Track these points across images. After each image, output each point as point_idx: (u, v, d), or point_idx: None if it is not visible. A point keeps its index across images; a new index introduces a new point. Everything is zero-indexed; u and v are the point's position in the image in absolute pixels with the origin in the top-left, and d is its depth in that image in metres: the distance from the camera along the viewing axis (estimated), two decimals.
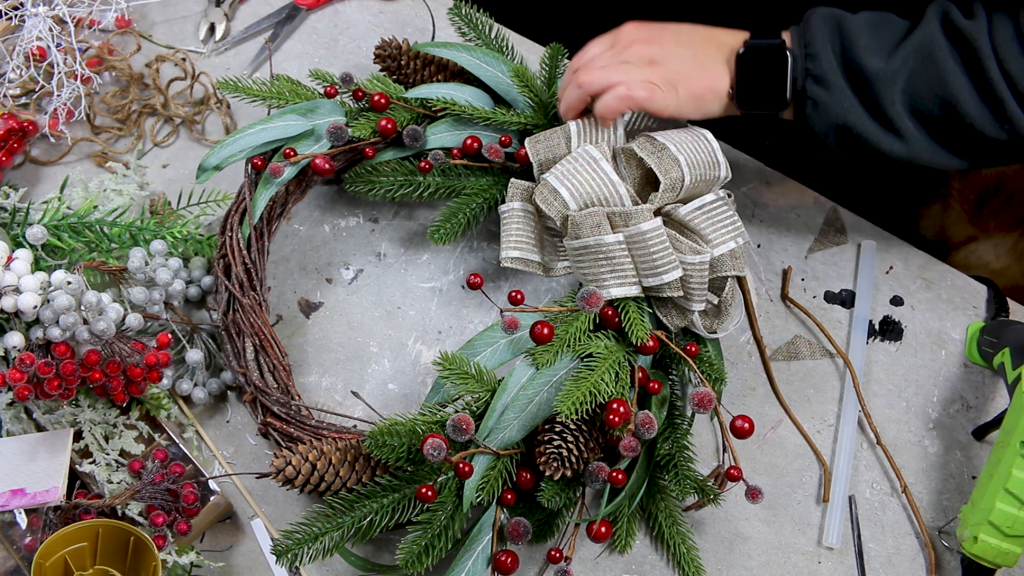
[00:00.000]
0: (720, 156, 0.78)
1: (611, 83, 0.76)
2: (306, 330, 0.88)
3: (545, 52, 0.88)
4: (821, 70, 0.74)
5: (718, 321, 0.78)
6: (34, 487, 0.74)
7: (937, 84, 0.72)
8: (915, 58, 0.73)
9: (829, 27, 0.75)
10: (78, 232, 0.84)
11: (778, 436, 0.82)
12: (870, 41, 0.74)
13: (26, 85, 1.00)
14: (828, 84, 0.74)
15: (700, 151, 0.77)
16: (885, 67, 0.73)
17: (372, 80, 0.88)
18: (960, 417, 0.83)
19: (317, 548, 0.70)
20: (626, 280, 0.76)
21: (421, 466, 0.72)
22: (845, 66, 0.74)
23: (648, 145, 0.77)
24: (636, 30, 0.80)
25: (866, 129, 0.75)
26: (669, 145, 0.76)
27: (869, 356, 0.85)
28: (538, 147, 0.83)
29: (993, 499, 0.70)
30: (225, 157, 0.84)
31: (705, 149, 0.78)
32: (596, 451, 0.73)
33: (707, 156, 0.78)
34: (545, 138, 0.83)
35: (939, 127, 0.74)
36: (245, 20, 1.08)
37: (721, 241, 0.75)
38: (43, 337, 0.75)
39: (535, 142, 0.83)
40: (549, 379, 0.73)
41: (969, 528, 0.72)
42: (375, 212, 0.94)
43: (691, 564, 0.75)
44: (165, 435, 0.81)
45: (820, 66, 0.74)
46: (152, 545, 0.70)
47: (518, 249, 0.81)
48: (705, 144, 0.78)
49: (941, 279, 0.89)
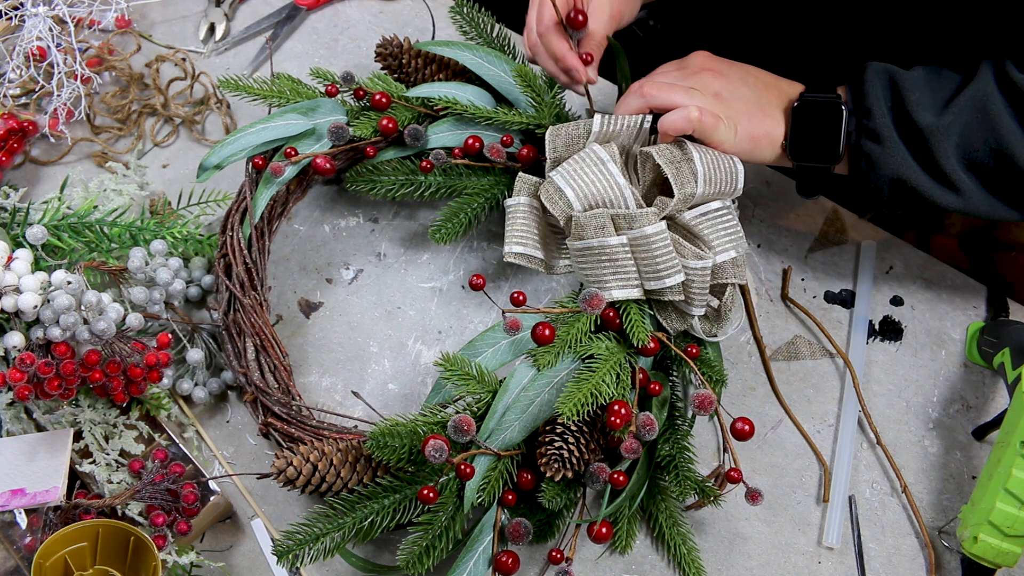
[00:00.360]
0: (740, 180, 0.78)
1: (675, 103, 0.76)
2: (306, 330, 0.88)
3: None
4: (875, 125, 0.75)
5: (718, 325, 0.78)
6: (34, 487, 0.74)
7: (992, 137, 0.73)
8: (969, 112, 0.73)
9: (882, 82, 0.75)
10: (78, 232, 0.83)
11: (778, 436, 0.82)
12: (923, 96, 0.74)
13: (26, 85, 1.00)
14: (882, 139, 0.75)
15: (722, 169, 0.76)
16: (938, 122, 0.73)
17: (373, 79, 0.88)
18: (960, 417, 0.83)
19: (318, 549, 0.70)
20: (628, 282, 0.76)
21: (422, 467, 0.72)
22: (898, 121, 0.75)
23: (670, 153, 0.76)
24: (706, 60, 0.81)
25: (921, 183, 0.75)
26: (695, 156, 0.75)
27: (869, 356, 0.86)
28: (557, 141, 0.82)
29: (993, 499, 0.70)
30: (225, 156, 0.84)
31: (727, 168, 0.77)
32: (597, 452, 0.73)
33: (727, 175, 0.77)
34: (567, 131, 0.82)
35: (994, 179, 0.75)
36: (245, 20, 1.08)
37: (723, 248, 0.75)
38: (43, 337, 0.75)
39: (555, 134, 0.82)
40: (550, 380, 0.73)
41: (969, 528, 0.72)
42: (375, 212, 0.94)
43: (691, 564, 0.75)
44: (165, 435, 0.81)
45: (873, 121, 0.75)
46: (152, 545, 0.70)
47: (521, 244, 0.81)
48: (729, 164, 0.77)
49: (941, 279, 0.89)
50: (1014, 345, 0.77)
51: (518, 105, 0.88)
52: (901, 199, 0.77)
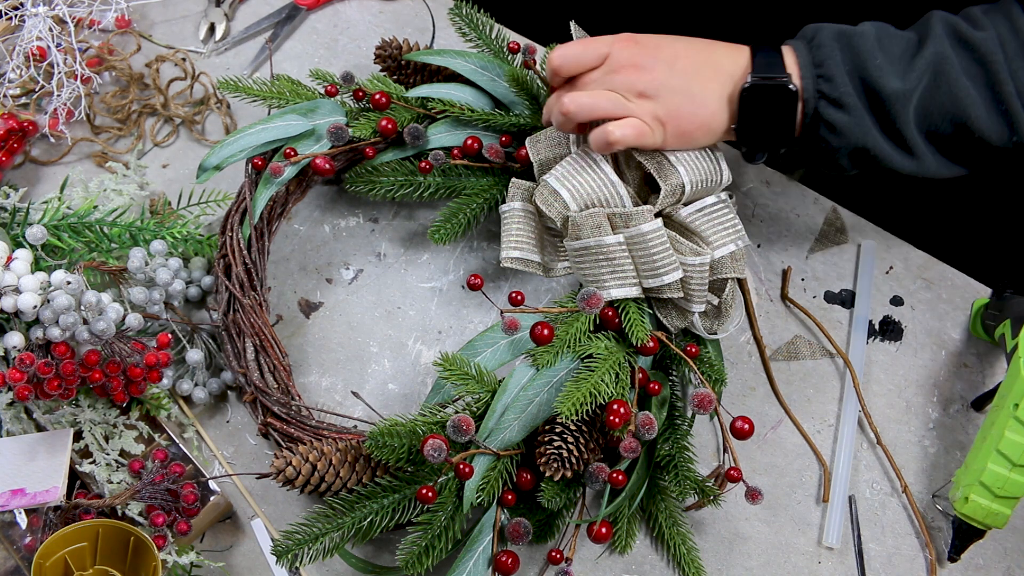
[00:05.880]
0: (722, 163, 0.78)
1: (596, 113, 0.74)
2: (306, 330, 0.88)
3: (545, 52, 0.87)
4: (838, 93, 0.72)
5: (718, 322, 0.78)
6: (34, 487, 0.74)
7: (949, 102, 0.71)
8: (928, 75, 0.71)
9: (840, 46, 0.72)
10: (78, 232, 0.83)
11: (778, 436, 0.82)
12: (884, 61, 0.71)
13: (26, 85, 1.00)
14: (847, 107, 0.72)
15: (701, 157, 0.77)
16: (902, 87, 0.71)
17: (373, 80, 0.88)
18: (960, 417, 0.83)
19: (317, 549, 0.70)
20: (626, 281, 0.76)
21: (421, 467, 0.72)
22: (861, 88, 0.72)
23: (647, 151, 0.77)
24: (628, 51, 0.75)
25: (880, 149, 0.73)
26: (668, 154, 0.76)
27: (869, 356, 0.85)
28: (539, 146, 0.83)
29: (985, 460, 0.71)
30: (225, 157, 0.84)
31: (706, 155, 0.78)
32: (596, 452, 0.73)
33: (709, 163, 0.77)
34: (546, 137, 0.82)
35: (949, 144, 0.73)
36: (245, 20, 1.08)
37: (721, 243, 0.75)
38: (43, 337, 0.75)
39: (535, 141, 0.83)
40: (549, 380, 0.73)
41: (961, 488, 0.73)
42: (375, 212, 0.94)
43: (691, 564, 0.75)
44: (165, 435, 0.81)
45: (837, 89, 0.72)
46: (152, 545, 0.70)
47: (518, 249, 0.81)
48: (706, 151, 0.78)
49: (941, 279, 0.89)
50: (1015, 316, 0.78)
51: (514, 108, 0.88)
52: (857, 164, 0.75)
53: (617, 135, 0.73)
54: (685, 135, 0.75)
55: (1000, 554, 0.77)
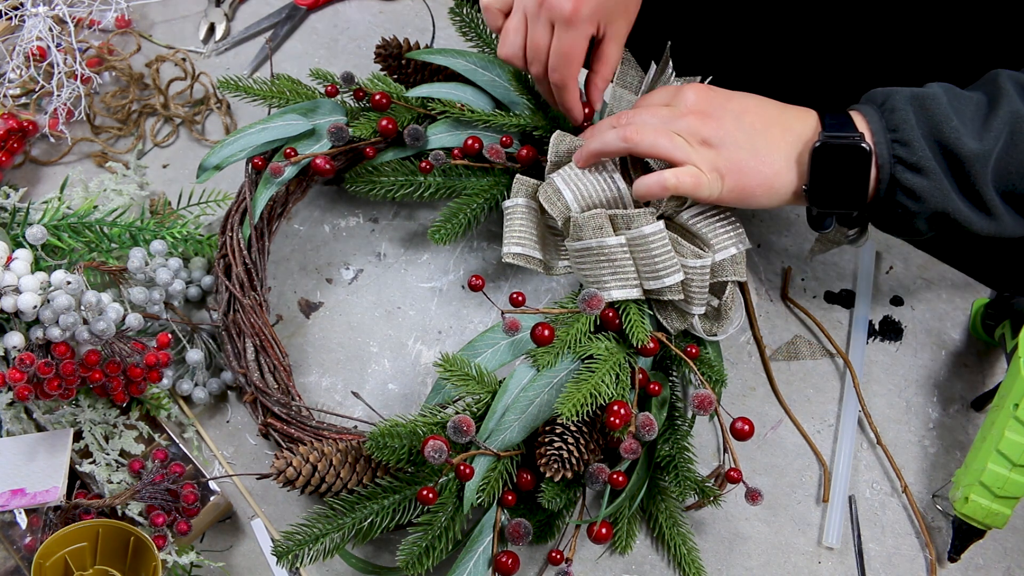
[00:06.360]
0: None
1: (658, 152, 0.72)
2: (306, 330, 0.88)
3: None
4: (916, 157, 0.69)
5: (718, 324, 0.78)
6: (34, 487, 0.74)
7: None
8: (1005, 136, 0.69)
9: (915, 109, 0.70)
10: (78, 232, 0.83)
11: (778, 436, 0.82)
12: (959, 123, 0.69)
13: (26, 85, 1.00)
14: (926, 172, 0.69)
15: None
16: (980, 149, 0.69)
17: (373, 80, 0.88)
18: (960, 417, 0.83)
19: (317, 549, 0.70)
20: (627, 282, 0.76)
21: (422, 467, 0.72)
22: (942, 151, 0.69)
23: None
24: (698, 98, 0.74)
25: (960, 213, 0.70)
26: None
27: (869, 356, 0.86)
28: (561, 147, 0.81)
29: (985, 460, 0.71)
30: (225, 157, 0.84)
31: None
32: (596, 452, 0.73)
33: None
34: (571, 141, 0.81)
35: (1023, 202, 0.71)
36: (245, 20, 1.08)
37: (722, 246, 0.75)
38: (43, 337, 0.75)
39: (560, 139, 0.81)
40: (550, 381, 0.73)
41: (961, 488, 0.73)
42: (375, 212, 0.94)
43: (691, 564, 0.76)
44: (165, 435, 0.81)
45: (915, 153, 0.69)
46: (152, 545, 0.70)
47: (520, 245, 0.81)
48: None
49: (941, 279, 0.89)
50: (1015, 316, 0.78)
51: (514, 108, 0.88)
52: (936, 228, 0.73)
53: (673, 182, 0.71)
54: (744, 191, 0.72)
55: (1000, 554, 0.77)
